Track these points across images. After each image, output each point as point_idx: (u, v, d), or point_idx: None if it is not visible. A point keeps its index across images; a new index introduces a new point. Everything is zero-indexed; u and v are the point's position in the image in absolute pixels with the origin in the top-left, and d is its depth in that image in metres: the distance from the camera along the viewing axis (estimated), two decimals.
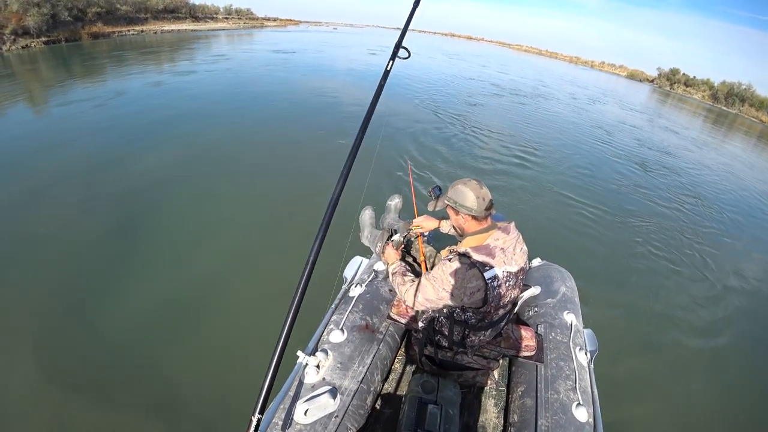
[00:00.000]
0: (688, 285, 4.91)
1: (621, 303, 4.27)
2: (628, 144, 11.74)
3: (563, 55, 61.98)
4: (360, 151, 1.61)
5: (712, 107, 36.05)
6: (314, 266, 1.37)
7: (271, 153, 6.76)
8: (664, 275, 5.00)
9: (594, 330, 2.39)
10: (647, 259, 5.31)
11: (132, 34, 26.01)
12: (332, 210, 1.45)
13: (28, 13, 19.16)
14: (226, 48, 22.57)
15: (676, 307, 4.42)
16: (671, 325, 4.13)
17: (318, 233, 1.41)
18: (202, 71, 13.47)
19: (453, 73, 20.56)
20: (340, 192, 1.49)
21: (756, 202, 9.11)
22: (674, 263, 5.33)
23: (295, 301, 1.33)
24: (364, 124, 1.61)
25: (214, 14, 41.32)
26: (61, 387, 2.66)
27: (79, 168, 5.60)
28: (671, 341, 3.92)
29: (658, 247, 5.63)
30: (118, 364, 2.85)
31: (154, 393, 2.68)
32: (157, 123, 7.62)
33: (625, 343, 3.70)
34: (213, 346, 3.05)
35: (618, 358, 3.45)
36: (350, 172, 1.53)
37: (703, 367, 3.69)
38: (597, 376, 2.04)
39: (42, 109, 8.72)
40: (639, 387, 3.29)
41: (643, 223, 6.34)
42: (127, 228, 4.34)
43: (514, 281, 1.68)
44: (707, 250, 5.91)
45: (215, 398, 2.65)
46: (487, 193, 1.66)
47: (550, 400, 1.80)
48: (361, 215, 2.64)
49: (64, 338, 3.01)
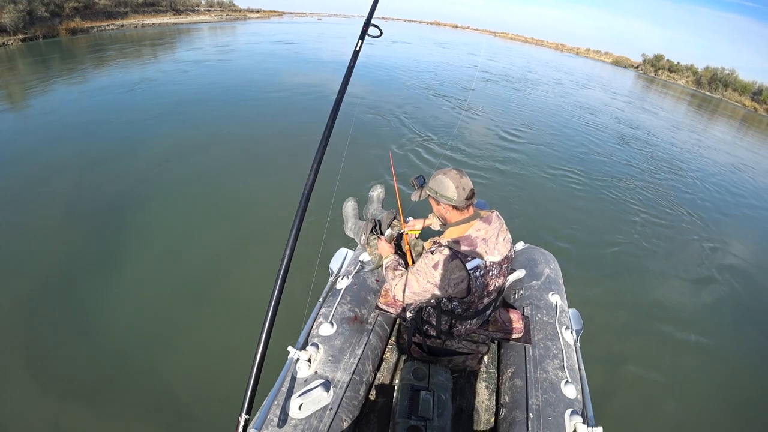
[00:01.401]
0: (670, 263, 4.99)
1: (604, 282, 4.33)
2: (610, 128, 11.74)
3: (549, 42, 61.73)
4: (336, 138, 1.56)
5: (696, 92, 36.24)
6: (291, 260, 1.34)
7: (259, 145, 6.62)
8: (646, 255, 5.07)
9: (578, 309, 2.42)
10: (629, 239, 5.36)
11: (112, 29, 25.39)
12: (305, 202, 1.41)
13: (4, 10, 18.52)
14: (209, 41, 22.15)
15: (657, 285, 4.50)
16: (653, 302, 4.21)
17: (292, 227, 1.38)
18: (183, 66, 13.21)
19: (442, 60, 20.33)
20: (313, 183, 1.45)
21: (743, 181, 9.23)
22: (656, 242, 5.41)
23: (273, 296, 1.30)
24: (335, 109, 1.55)
25: (195, 6, 40.51)
26: (55, 392, 2.61)
27: (63, 167, 5.45)
28: (654, 316, 3.99)
29: (640, 229, 5.69)
30: (111, 368, 2.79)
31: (148, 396, 2.64)
32: (136, 121, 7.39)
33: (609, 320, 3.76)
34: (206, 347, 2.99)
35: (603, 334, 3.51)
36: (322, 160, 1.48)
37: (685, 340, 3.78)
38: (583, 354, 2.07)
39: (22, 108, 8.44)
40: (624, 362, 3.35)
41: (625, 205, 6.39)
42: (111, 229, 4.23)
43: (498, 270, 1.68)
44: (690, 229, 6.01)
45: (210, 399, 2.61)
46: (468, 183, 1.65)
47: (539, 379, 1.84)
48: (344, 207, 2.62)
49: (55, 343, 2.94)
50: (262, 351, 1.27)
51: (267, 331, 1.28)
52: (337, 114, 1.55)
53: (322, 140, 1.49)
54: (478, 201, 1.85)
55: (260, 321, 1.25)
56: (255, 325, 1.27)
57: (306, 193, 1.42)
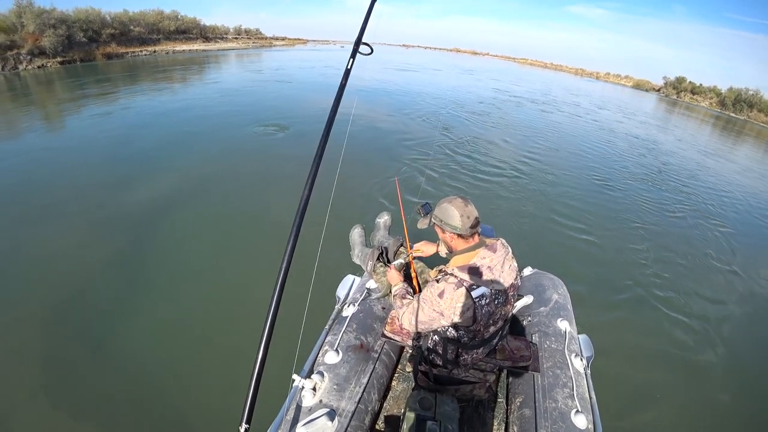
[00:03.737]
0: (686, 290, 4.72)
1: (615, 307, 4.14)
2: (627, 151, 11.44)
3: (568, 67, 61.96)
4: (334, 161, 1.55)
5: (720, 114, 35.57)
6: (284, 285, 1.32)
7: (277, 168, 6.74)
8: (660, 280, 4.82)
9: (589, 335, 2.33)
10: (642, 263, 5.14)
11: (144, 55, 26.51)
12: (299, 224, 1.39)
13: (45, 34, 19.60)
14: (236, 67, 22.91)
15: (671, 311, 4.28)
16: (667, 329, 4.01)
17: (286, 249, 1.35)
18: (209, 90, 13.66)
19: (465, 84, 20.69)
20: (306, 205, 1.42)
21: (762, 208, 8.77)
22: (671, 268, 5.14)
23: (271, 309, 1.29)
24: (326, 129, 1.52)
25: (224, 34, 42.09)
26: (67, 407, 2.62)
27: (90, 187, 5.62)
28: (669, 344, 3.80)
29: (654, 253, 5.44)
30: (122, 385, 2.80)
31: (158, 415, 2.63)
32: (161, 146, 7.61)
33: (621, 347, 3.58)
34: (209, 360, 3.01)
35: (614, 362, 3.35)
36: (314, 183, 1.45)
37: (700, 369, 3.58)
38: (594, 382, 1.98)
39: (56, 128, 8.80)
40: (637, 390, 3.19)
41: (638, 229, 6.15)
42: (132, 248, 4.32)
43: (504, 298, 1.64)
44: (710, 256, 5.69)
45: (212, 412, 2.60)
46: (473, 211, 1.64)
47: (548, 409, 1.77)
48: (351, 234, 2.60)
49: (69, 359, 2.97)
50: (260, 361, 1.25)
51: (265, 344, 1.26)
52: (329, 131, 1.52)
53: (313, 166, 1.46)
54: (484, 227, 1.83)
55: (260, 330, 1.25)
56: (254, 338, 1.27)
57: (298, 216, 1.39)
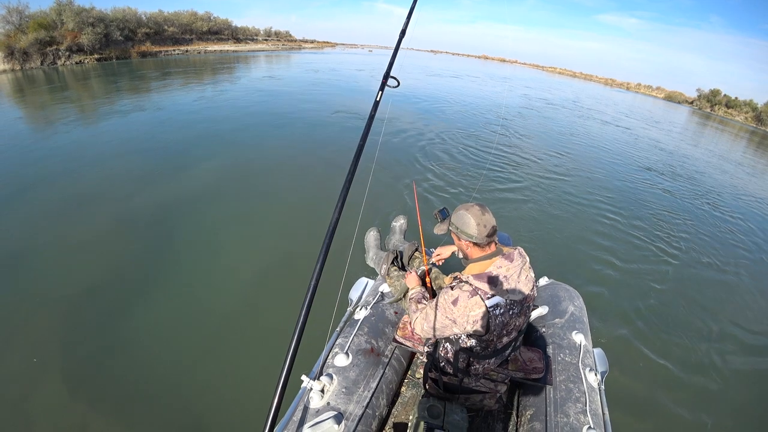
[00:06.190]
0: (711, 312, 4.47)
1: (632, 321, 3.96)
2: (655, 164, 11.01)
3: (598, 77, 60.71)
4: (362, 172, 1.54)
5: (756, 129, 34.15)
6: (316, 290, 1.27)
7: (298, 174, 6.71)
8: (681, 295, 4.61)
9: (604, 349, 2.23)
10: (663, 277, 4.92)
11: (177, 54, 27.23)
12: (331, 235, 1.37)
13: (83, 32, 20.39)
14: (265, 68, 23.26)
15: (693, 333, 4.06)
16: (687, 351, 3.80)
17: (318, 259, 1.33)
18: (240, 89, 13.84)
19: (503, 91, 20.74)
20: (338, 218, 1.42)
21: None
22: (693, 283, 4.92)
23: (299, 323, 1.22)
24: (356, 157, 1.54)
25: (254, 36, 42.89)
26: (85, 398, 2.64)
27: (116, 181, 5.73)
28: (686, 362, 3.61)
29: (675, 267, 5.21)
30: (140, 379, 2.81)
31: (171, 410, 2.62)
32: (187, 141, 7.75)
33: (637, 362, 3.43)
34: (234, 365, 2.97)
35: (629, 377, 3.21)
36: (347, 197, 1.45)
37: (718, 387, 3.40)
38: (608, 398, 1.90)
39: (91, 122, 9.06)
40: (652, 408, 3.04)
41: (660, 242, 5.89)
42: (158, 243, 4.36)
43: (519, 309, 1.57)
44: (734, 276, 5.40)
45: (230, 420, 2.56)
46: (490, 219, 1.57)
47: (559, 423, 1.70)
48: (366, 237, 2.55)
49: (89, 349, 3.00)
50: (284, 379, 1.21)
51: (291, 357, 1.20)
52: (359, 159, 1.53)
53: (345, 182, 1.46)
54: (501, 235, 1.79)
55: (284, 347, 1.24)
56: (278, 351, 1.24)
57: (331, 229, 1.38)
